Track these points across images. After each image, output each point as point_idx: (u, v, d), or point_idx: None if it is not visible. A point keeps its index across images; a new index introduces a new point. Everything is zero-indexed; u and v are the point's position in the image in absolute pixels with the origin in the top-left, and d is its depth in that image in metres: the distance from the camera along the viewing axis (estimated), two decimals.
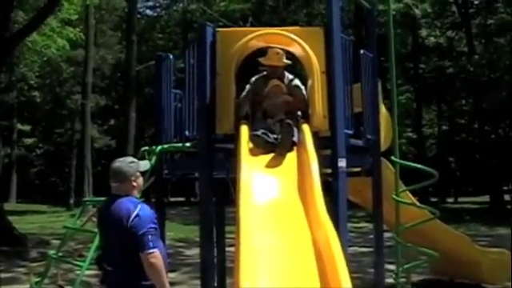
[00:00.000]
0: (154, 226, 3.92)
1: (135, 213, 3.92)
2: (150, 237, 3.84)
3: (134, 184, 4.17)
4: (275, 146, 5.32)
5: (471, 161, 35.04)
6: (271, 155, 5.25)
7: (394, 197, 5.95)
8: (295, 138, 5.30)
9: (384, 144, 6.68)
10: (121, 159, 4.26)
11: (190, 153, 6.15)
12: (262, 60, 5.88)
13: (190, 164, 6.58)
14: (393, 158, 6.00)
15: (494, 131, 28.82)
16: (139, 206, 3.98)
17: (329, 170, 5.43)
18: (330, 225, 4.05)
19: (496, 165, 25.81)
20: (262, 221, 4.34)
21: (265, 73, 6.00)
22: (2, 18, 14.74)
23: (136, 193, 4.21)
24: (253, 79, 6.04)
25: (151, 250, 3.82)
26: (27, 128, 37.10)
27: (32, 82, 33.46)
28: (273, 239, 4.18)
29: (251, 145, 5.30)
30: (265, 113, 5.66)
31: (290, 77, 5.97)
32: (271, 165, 5.13)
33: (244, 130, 5.34)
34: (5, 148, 26.03)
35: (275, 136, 5.37)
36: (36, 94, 35.77)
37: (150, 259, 3.81)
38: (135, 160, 4.32)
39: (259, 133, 5.33)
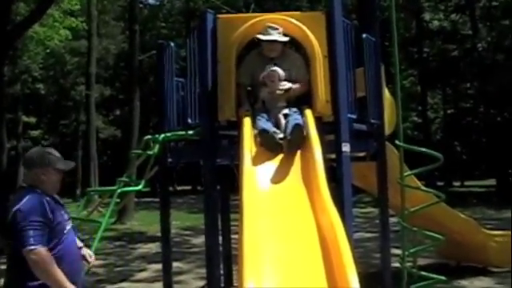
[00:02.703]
0: (39, 219, 3.47)
1: (18, 205, 3.51)
2: (31, 232, 3.41)
3: (43, 177, 3.69)
4: (281, 146, 4.97)
5: (477, 144, 34.93)
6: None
7: (399, 181, 5.91)
8: (305, 133, 4.99)
9: (388, 128, 6.65)
10: (38, 148, 3.90)
11: (194, 140, 6.11)
12: (260, 36, 5.51)
13: (194, 152, 6.54)
14: (397, 142, 5.95)
15: (499, 114, 28.65)
16: (26, 197, 3.55)
17: (333, 156, 5.40)
18: (334, 210, 4.01)
19: (502, 148, 25.68)
20: (266, 207, 4.31)
21: (256, 50, 5.69)
22: (3, 10, 14.72)
23: (46, 188, 3.70)
24: (247, 58, 5.69)
25: (31, 247, 3.39)
26: (32, 120, 37.18)
27: (36, 74, 33.52)
28: (276, 226, 4.14)
29: (254, 134, 5.06)
30: (264, 102, 5.41)
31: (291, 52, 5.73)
32: None
33: (246, 120, 5.21)
34: (11, 141, 26.05)
35: (281, 136, 4.98)
36: (40, 85, 35.83)
37: (30, 256, 3.39)
38: (56, 154, 3.82)
39: (268, 129, 4.95)
